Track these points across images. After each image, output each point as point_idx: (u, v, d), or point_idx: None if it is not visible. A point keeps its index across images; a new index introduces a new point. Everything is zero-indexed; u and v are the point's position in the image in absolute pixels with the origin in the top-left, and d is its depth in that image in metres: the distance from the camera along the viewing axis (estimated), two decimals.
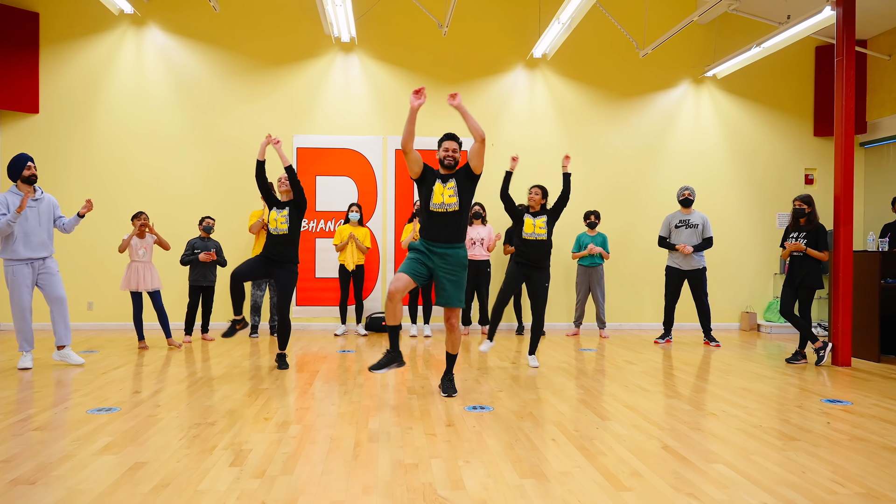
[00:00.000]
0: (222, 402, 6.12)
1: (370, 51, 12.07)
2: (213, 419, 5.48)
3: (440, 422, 5.47)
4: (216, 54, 11.84)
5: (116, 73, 11.67)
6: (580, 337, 11.20)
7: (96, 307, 11.60)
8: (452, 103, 6.14)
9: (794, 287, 8.70)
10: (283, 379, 7.27)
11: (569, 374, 7.75)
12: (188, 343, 9.96)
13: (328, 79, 12.01)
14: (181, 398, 6.26)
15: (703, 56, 12.48)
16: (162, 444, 4.77)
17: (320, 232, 11.89)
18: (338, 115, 12.04)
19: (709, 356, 9.25)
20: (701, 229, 10.28)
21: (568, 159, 8.38)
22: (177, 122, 11.76)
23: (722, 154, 12.64)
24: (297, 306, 11.86)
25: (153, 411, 5.74)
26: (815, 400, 6.46)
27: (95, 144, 11.61)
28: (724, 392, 6.79)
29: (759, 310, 12.59)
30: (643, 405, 6.14)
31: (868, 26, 11.79)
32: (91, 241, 11.47)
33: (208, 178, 11.72)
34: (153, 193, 11.65)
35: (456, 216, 6.31)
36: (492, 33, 12.23)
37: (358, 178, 11.97)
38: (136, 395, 6.40)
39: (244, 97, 11.87)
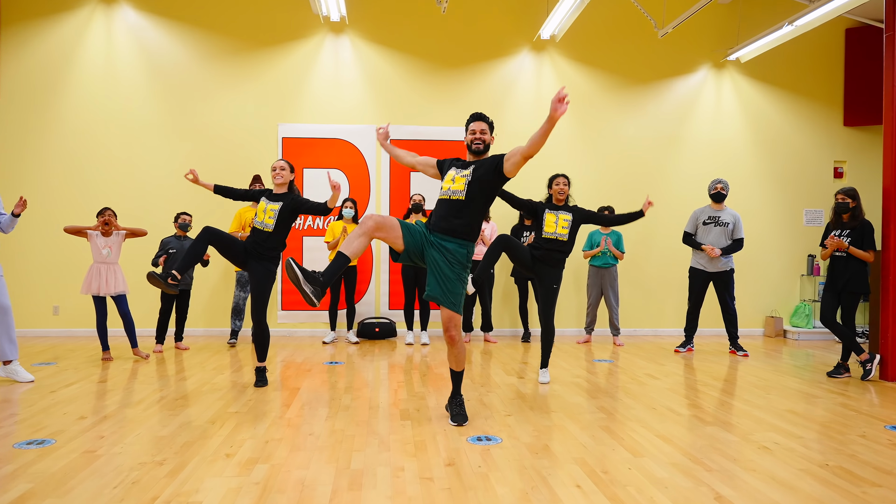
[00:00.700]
0: (180, 431, 5.18)
1: (362, 31, 11.11)
2: (162, 456, 4.54)
3: (438, 459, 4.53)
4: (194, 35, 10.88)
5: (84, 56, 10.71)
6: (592, 344, 10.27)
7: (63, 312, 10.67)
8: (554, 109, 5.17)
9: (836, 292, 7.79)
10: (257, 399, 6.33)
11: (584, 391, 6.81)
12: (159, 353, 9.04)
13: (316, 62, 11.06)
14: (132, 426, 5.31)
15: (726, 38, 11.54)
16: (89, 495, 3.83)
17: (308, 229, 10.96)
18: (327, 102, 11.08)
19: (738, 368, 8.32)
20: (732, 228, 9.35)
21: (650, 205, 7.78)
22: (151, 110, 10.81)
23: (744, 145, 11.69)
24: (281, 310, 10.95)
25: (94, 445, 4.80)
26: (877, 427, 5.53)
27: (60, 133, 10.66)
28: (770, 416, 5.85)
29: (784, 314, 11.66)
30: (679, 435, 5.20)
31: None
32: (56, 240, 10.52)
33: (185, 169, 10.69)
34: (124, 187, 10.72)
35: (459, 206, 5.35)
36: (495, 12, 11.27)
37: (349, 171, 11.03)
38: (80, 420, 5.45)
39: (225, 82, 10.92)
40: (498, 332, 11.13)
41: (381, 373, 7.79)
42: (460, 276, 5.34)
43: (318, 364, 8.32)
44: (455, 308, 5.32)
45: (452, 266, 5.30)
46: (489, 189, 5.41)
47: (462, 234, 5.35)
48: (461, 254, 5.35)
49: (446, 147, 10.84)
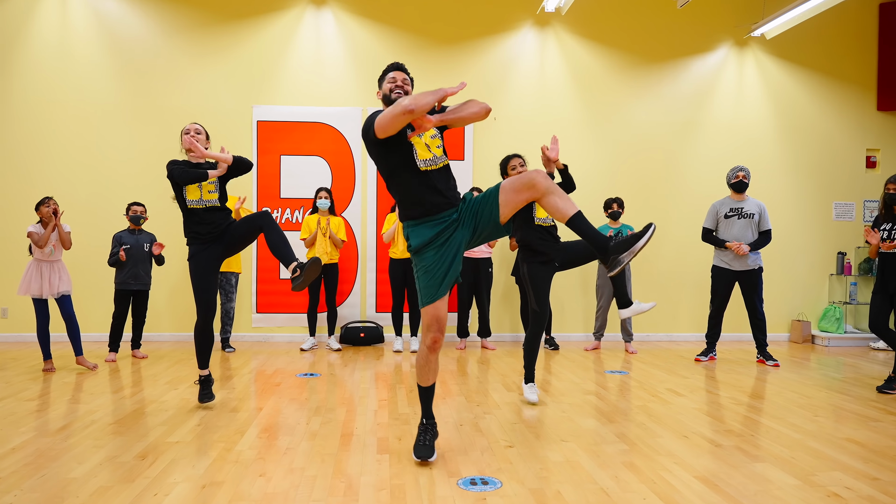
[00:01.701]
0: (98, 470, 4.16)
1: (346, 4, 10.10)
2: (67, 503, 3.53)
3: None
4: (159, 7, 9.87)
5: (35, 31, 9.70)
6: (602, 351, 9.29)
7: (12, 314, 9.69)
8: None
9: (887, 294, 6.82)
10: (206, 425, 5.30)
11: (601, 412, 5.80)
12: (112, 362, 8.04)
13: (295, 38, 10.06)
14: (41, 462, 4.29)
15: (750, 12, 10.51)
16: None
17: (286, 223, 9.97)
18: (307, 82, 10.09)
19: (771, 381, 7.31)
20: (758, 220, 8.38)
21: (553, 148, 6.16)
22: (110, 91, 9.80)
23: (768, 131, 10.68)
24: (256, 313, 9.95)
25: None
26: None
27: (8, 116, 9.66)
28: (828, 447, 4.83)
29: (813, 318, 10.66)
30: (722, 475, 4.18)
31: None
32: (3, 236, 9.54)
33: (148, 155, 9.75)
34: (79, 175, 9.72)
35: (449, 170, 4.45)
36: None
37: (331, 158, 10.04)
38: None
39: (193, 60, 9.92)
40: (497, 338, 10.14)
41: (363, 387, 6.79)
42: (488, 191, 4.37)
43: (291, 376, 7.30)
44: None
45: (482, 194, 4.39)
46: None
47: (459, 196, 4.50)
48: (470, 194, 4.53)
49: None
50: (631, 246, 4.10)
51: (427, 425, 4.53)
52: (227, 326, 9.21)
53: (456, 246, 4.29)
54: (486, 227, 4.29)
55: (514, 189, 4.16)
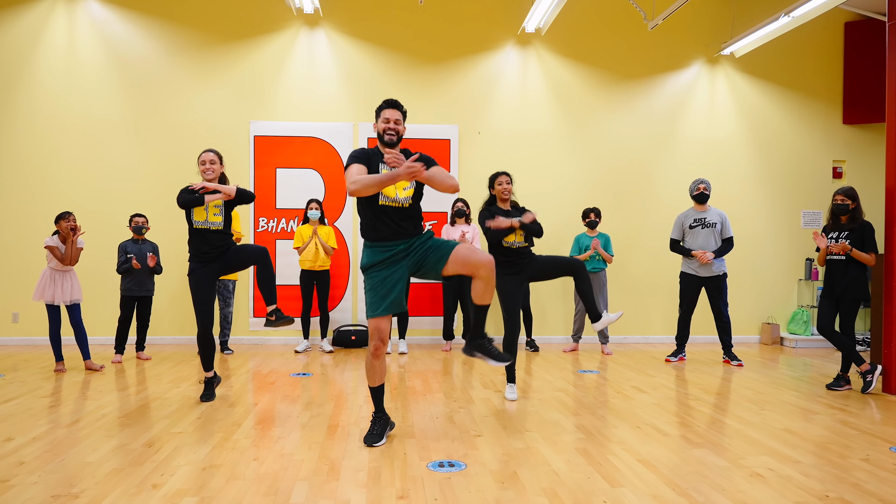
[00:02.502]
0: (109, 456, 4.68)
1: (338, 24, 10.64)
2: (80, 488, 4.04)
3: (391, 490, 4.04)
4: (161, 29, 10.40)
5: (44, 51, 10.24)
6: (579, 353, 9.81)
7: (23, 319, 10.20)
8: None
9: (834, 298, 7.32)
10: (206, 417, 5.83)
11: (566, 407, 6.33)
12: (118, 364, 8.55)
13: (290, 57, 10.59)
14: (58, 450, 4.82)
15: (720, 31, 11.06)
16: None
17: (281, 232, 10.49)
18: (301, 99, 10.61)
19: (733, 379, 7.85)
20: (720, 228, 8.92)
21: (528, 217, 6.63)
22: (115, 108, 10.33)
23: (739, 144, 11.22)
24: (253, 317, 10.47)
25: (10, 472, 4.30)
26: (881, 448, 5.04)
27: (18, 132, 10.19)
28: (764, 436, 5.36)
29: (781, 321, 11.19)
30: (663, 459, 4.71)
31: None
32: (16, 244, 10.08)
33: (151, 170, 10.29)
34: (86, 189, 10.24)
35: (410, 212, 4.99)
36: (477, 4, 10.79)
37: (324, 171, 10.56)
38: (5, 444, 4.96)
39: (193, 78, 10.45)
40: None
41: (351, 385, 7.31)
42: (444, 241, 4.98)
43: (285, 376, 7.83)
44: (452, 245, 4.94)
45: (436, 241, 4.98)
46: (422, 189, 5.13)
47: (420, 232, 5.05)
48: (429, 234, 5.08)
49: (427, 145, 10.33)
50: (483, 353, 5.13)
51: (377, 417, 5.15)
52: (226, 330, 9.72)
53: (399, 275, 4.88)
54: (429, 271, 4.96)
55: (462, 263, 4.83)
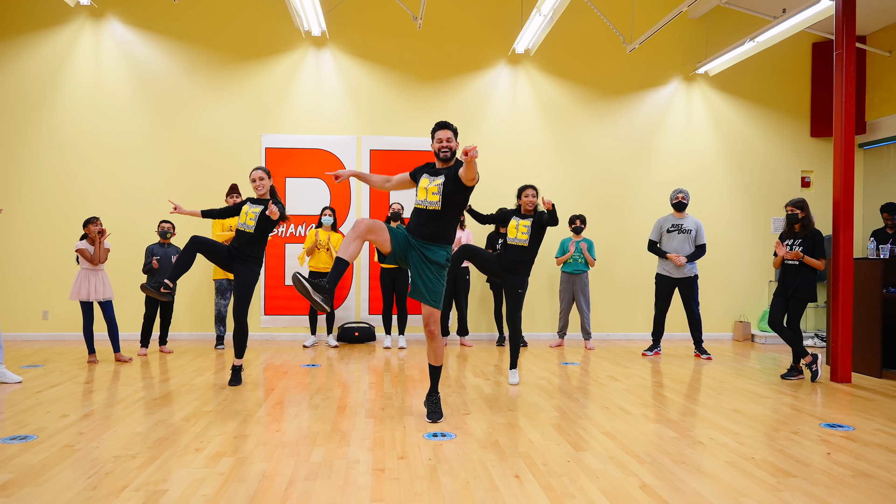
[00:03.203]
0: (154, 428, 5.51)
1: (343, 45, 11.47)
2: (135, 450, 4.87)
3: (392, 453, 4.86)
4: (180, 49, 11.23)
5: (73, 69, 11.06)
6: (564, 348, 10.62)
7: (52, 316, 10.99)
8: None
9: (785, 297, 8.15)
10: (232, 399, 6.66)
11: (547, 392, 7.15)
12: (143, 356, 9.36)
13: (299, 75, 11.42)
14: (109, 423, 5.64)
15: (695, 52, 11.91)
16: (65, 484, 4.16)
17: (290, 237, 11.30)
18: (309, 114, 11.44)
19: (699, 371, 8.67)
20: (694, 235, 9.73)
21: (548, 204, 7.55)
22: (138, 121, 11.15)
23: (714, 155, 12.06)
24: (264, 315, 11.28)
25: (73, 440, 5.12)
26: (812, 424, 5.87)
27: (50, 144, 11.00)
28: (714, 415, 6.19)
29: (753, 319, 12.01)
30: (624, 431, 5.54)
31: (867, 22, 11.26)
32: (46, 247, 10.88)
33: (170, 179, 11.11)
34: (111, 196, 11.05)
35: (437, 216, 5.75)
36: (471, 27, 11.63)
37: (330, 181, 11.37)
38: (62, 419, 5.78)
39: (210, 94, 11.27)
40: (474, 336, 11.47)
41: (356, 375, 8.12)
42: (439, 275, 5.75)
43: (296, 367, 8.64)
44: (436, 305, 5.74)
45: (432, 267, 5.71)
46: (460, 197, 5.79)
47: (439, 240, 5.76)
48: (440, 255, 5.75)
49: (424, 157, 11.15)
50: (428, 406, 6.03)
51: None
52: (221, 326, 10.42)
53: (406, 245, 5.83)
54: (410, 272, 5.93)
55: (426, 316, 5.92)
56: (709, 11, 11.61)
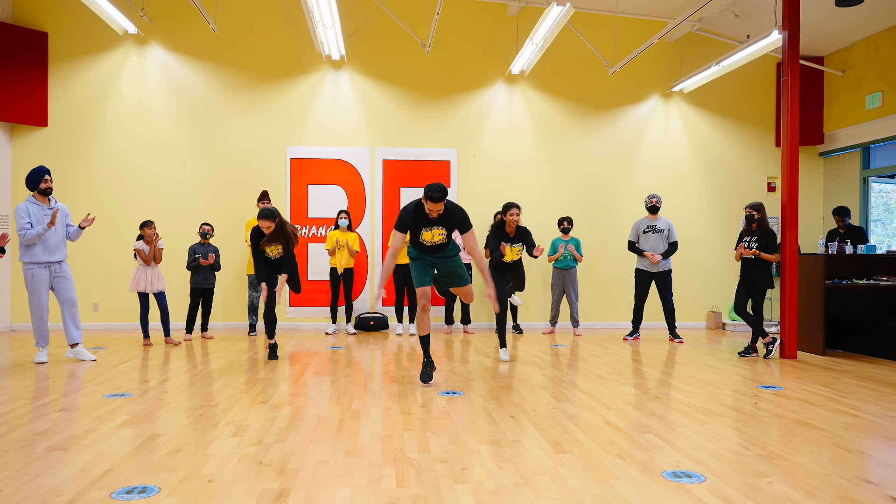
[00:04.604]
0: (222, 389, 6.86)
1: (359, 67, 12.81)
2: (215, 402, 6.22)
3: (415, 404, 6.21)
4: (214, 71, 12.57)
5: (120, 89, 12.40)
6: (556, 335, 11.92)
7: (102, 308, 12.29)
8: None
9: (746, 287, 9.47)
10: (276, 370, 8.02)
11: (537, 366, 8.49)
12: (189, 341, 10.66)
13: (319, 93, 12.75)
14: (185, 386, 7.00)
15: (671, 72, 13.27)
16: (172, 421, 5.50)
17: (312, 237, 12.61)
18: (329, 128, 12.77)
19: (670, 351, 9.99)
20: (667, 234, 11.04)
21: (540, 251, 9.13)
22: (177, 135, 12.48)
23: (690, 163, 13.41)
24: (289, 307, 12.60)
25: (162, 396, 6.47)
26: (752, 386, 7.22)
27: (101, 155, 12.34)
28: (673, 380, 7.55)
29: (724, 309, 13.33)
30: (597, 390, 6.89)
31: (824, 45, 12.61)
32: (97, 246, 12.20)
33: (207, 186, 12.45)
34: (155, 201, 12.37)
35: (444, 245, 7.31)
36: (472, 52, 12.98)
37: (348, 187, 12.71)
38: (144, 383, 7.13)
39: (240, 111, 12.60)
40: (475, 325, 12.79)
41: (375, 354, 9.46)
42: (459, 259, 7.51)
43: (323, 349, 9.98)
44: (469, 280, 7.71)
45: (455, 259, 7.48)
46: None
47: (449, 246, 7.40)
48: (454, 249, 7.45)
49: (431, 166, 12.51)
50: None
51: (426, 362, 7.36)
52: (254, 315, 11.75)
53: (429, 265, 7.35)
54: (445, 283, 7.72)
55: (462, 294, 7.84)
56: (683, 36, 12.96)
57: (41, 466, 4.37)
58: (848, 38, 12.29)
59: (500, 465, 4.40)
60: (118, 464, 4.40)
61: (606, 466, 4.40)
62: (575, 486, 4.07)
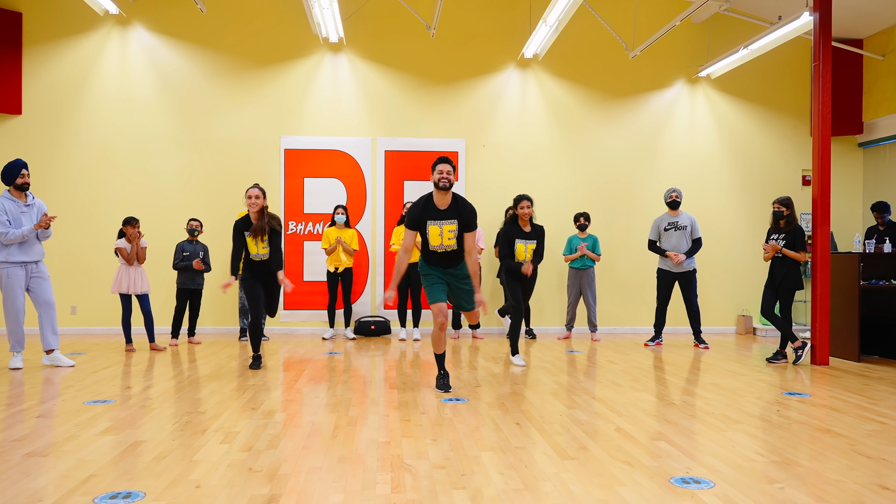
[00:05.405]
0: (211, 395, 7.10)
1: (358, 51, 13.07)
2: (203, 409, 6.46)
3: (416, 410, 6.44)
4: (202, 54, 12.85)
5: (101, 74, 12.69)
6: (571, 340, 12.14)
7: (81, 311, 12.56)
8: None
9: (774, 288, 9.67)
10: (269, 376, 8.27)
11: (550, 372, 8.71)
12: (174, 346, 10.91)
13: (316, 79, 13.01)
14: (171, 392, 7.25)
15: (697, 56, 13.48)
16: (157, 428, 5.74)
17: (308, 234, 12.85)
18: (326, 116, 13.03)
19: (694, 358, 10.19)
20: (690, 230, 11.24)
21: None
22: (162, 124, 12.77)
23: (718, 155, 13.61)
24: (284, 310, 12.85)
25: (146, 403, 6.72)
26: (777, 393, 7.42)
27: (79, 146, 12.62)
28: (693, 387, 7.76)
29: (754, 313, 13.51)
30: (611, 398, 7.11)
31: (862, 27, 12.78)
32: (76, 245, 12.49)
33: (195, 179, 12.73)
34: (139, 195, 12.65)
35: (455, 253, 7.51)
36: (481, 33, 13.22)
37: (346, 180, 12.96)
38: (127, 390, 7.38)
39: (231, 98, 12.88)
40: (485, 331, 13.02)
41: (376, 360, 9.70)
42: (469, 283, 7.65)
43: (319, 355, 10.22)
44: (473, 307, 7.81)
45: (465, 280, 7.67)
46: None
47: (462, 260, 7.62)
48: (465, 269, 7.65)
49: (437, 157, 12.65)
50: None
51: (442, 374, 7.63)
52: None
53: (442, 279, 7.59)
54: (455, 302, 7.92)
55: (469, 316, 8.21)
56: (710, 17, 13.16)
57: (20, 472, 4.61)
58: (889, 19, 12.45)
59: (502, 472, 4.63)
60: (101, 469, 4.64)
61: (612, 472, 4.62)
62: (577, 491, 4.29)
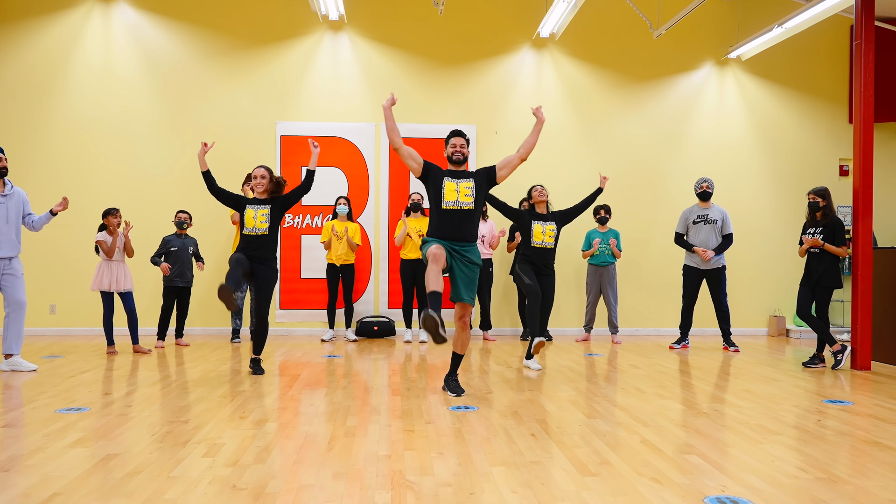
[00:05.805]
0: (197, 402, 6.86)
1: (361, 30, 12.81)
2: (186, 418, 6.21)
3: (421, 420, 6.18)
4: (192, 33, 12.61)
5: (81, 54, 12.46)
6: (591, 342, 11.88)
7: (60, 311, 12.34)
8: (539, 115, 7.59)
9: (810, 286, 9.39)
10: (262, 382, 8.02)
11: (567, 377, 8.45)
12: (161, 349, 10.68)
13: (315, 60, 12.76)
14: (154, 399, 7.00)
15: (727, 36, 13.18)
16: (134, 439, 5.49)
17: (306, 228, 12.61)
18: (326, 100, 12.78)
19: (723, 361, 9.92)
20: (720, 225, 10.96)
21: (606, 179, 9.65)
22: (149, 107, 12.53)
23: (748, 143, 13.32)
24: (280, 309, 12.61)
25: (125, 411, 6.48)
26: (816, 401, 7.14)
27: (58, 131, 12.40)
28: (724, 394, 7.49)
29: (788, 314, 13.23)
30: (634, 405, 6.84)
31: None
32: (54, 238, 12.24)
33: (184, 167, 12.46)
34: (123, 185, 12.43)
35: (469, 214, 7.20)
36: (493, 11, 12.96)
37: (348, 169, 12.71)
38: (106, 396, 7.14)
39: (223, 80, 12.64)
40: (497, 332, 12.75)
41: (379, 364, 9.45)
42: (476, 274, 7.31)
43: (317, 357, 9.98)
44: (473, 302, 7.35)
45: (472, 268, 7.28)
46: (484, 195, 7.39)
47: (474, 238, 7.30)
48: (476, 254, 7.30)
49: None
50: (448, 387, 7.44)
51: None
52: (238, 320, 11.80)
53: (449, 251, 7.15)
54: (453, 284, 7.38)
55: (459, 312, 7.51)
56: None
57: None
58: None
59: (515, 490, 4.36)
60: (67, 487, 4.39)
61: (638, 490, 4.36)
62: None
